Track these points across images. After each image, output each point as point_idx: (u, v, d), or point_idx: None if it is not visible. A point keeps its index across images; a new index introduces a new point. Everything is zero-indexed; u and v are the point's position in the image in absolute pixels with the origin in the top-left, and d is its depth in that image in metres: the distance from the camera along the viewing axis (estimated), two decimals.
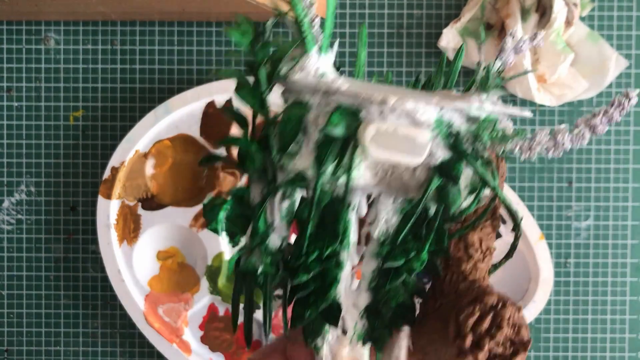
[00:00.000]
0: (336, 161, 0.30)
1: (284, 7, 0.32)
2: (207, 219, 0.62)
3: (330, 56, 0.32)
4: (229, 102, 0.57)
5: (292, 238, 0.32)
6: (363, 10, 0.59)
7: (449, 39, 0.57)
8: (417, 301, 0.33)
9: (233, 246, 0.61)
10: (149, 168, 0.58)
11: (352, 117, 0.30)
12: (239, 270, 0.33)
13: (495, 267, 0.35)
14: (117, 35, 0.60)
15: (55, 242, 0.61)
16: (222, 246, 0.58)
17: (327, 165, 0.30)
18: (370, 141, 0.29)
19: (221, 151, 0.57)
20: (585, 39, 0.57)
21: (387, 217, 0.32)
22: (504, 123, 0.31)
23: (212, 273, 0.58)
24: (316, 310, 0.31)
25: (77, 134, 0.60)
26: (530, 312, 0.57)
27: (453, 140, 0.30)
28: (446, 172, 0.30)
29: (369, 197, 0.32)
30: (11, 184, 0.60)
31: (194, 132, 0.57)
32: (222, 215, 0.61)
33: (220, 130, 0.57)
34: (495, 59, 0.33)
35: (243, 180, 0.57)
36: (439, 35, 0.58)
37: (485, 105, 0.30)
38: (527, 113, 0.31)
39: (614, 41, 0.59)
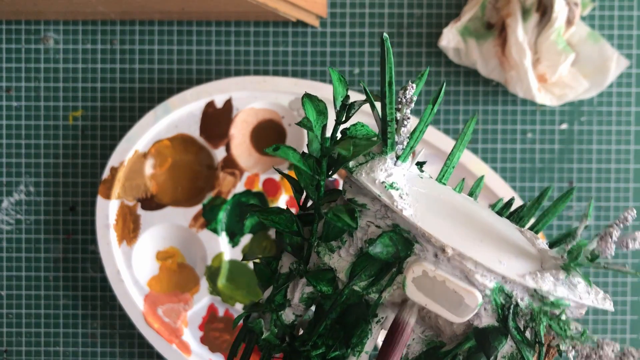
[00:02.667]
0: (371, 279, 0.28)
1: (375, 100, 0.29)
2: (207, 219, 0.63)
3: (406, 166, 0.29)
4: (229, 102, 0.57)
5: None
6: (363, 9, 0.59)
7: (449, 38, 0.56)
8: None
9: (233, 246, 0.61)
10: (149, 168, 0.58)
11: (405, 244, 0.28)
12: (246, 323, 0.32)
13: None
14: (116, 34, 0.60)
15: (54, 242, 0.60)
16: (222, 246, 0.57)
17: (359, 281, 0.28)
18: (412, 281, 0.27)
19: (221, 151, 0.57)
20: (586, 38, 0.57)
21: (410, 342, 0.30)
22: (575, 312, 0.27)
23: (212, 273, 0.57)
24: None
25: (76, 134, 0.60)
26: None
27: (506, 312, 0.27)
28: (485, 341, 0.27)
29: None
30: (10, 184, 0.60)
31: (194, 132, 0.57)
32: (222, 215, 0.60)
33: (220, 130, 0.57)
34: (595, 238, 0.28)
35: (243, 180, 0.57)
36: (439, 34, 0.58)
37: (558, 288, 0.26)
38: (608, 306, 0.27)
39: (614, 41, 0.59)
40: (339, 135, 0.30)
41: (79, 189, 0.60)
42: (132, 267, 0.58)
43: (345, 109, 0.29)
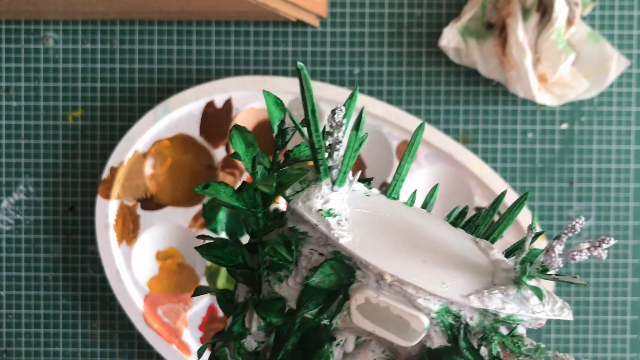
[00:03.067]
0: (319, 307, 0.27)
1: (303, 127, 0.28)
2: (207, 219, 0.63)
3: (345, 190, 0.28)
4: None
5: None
6: (363, 9, 0.59)
7: (450, 38, 0.56)
8: None
9: None
10: (148, 168, 0.58)
11: (347, 271, 0.27)
12: (212, 352, 0.31)
13: None
14: (116, 34, 0.60)
15: (54, 242, 0.60)
16: None
17: (307, 310, 0.27)
18: (356, 308, 0.26)
19: (220, 151, 0.57)
20: (586, 38, 0.57)
21: None
22: (533, 324, 0.26)
23: (212, 273, 0.57)
24: None
25: (76, 134, 0.60)
26: None
27: (456, 332, 0.26)
28: None
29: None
30: (10, 184, 0.60)
31: (194, 132, 0.57)
32: (222, 215, 0.61)
33: (220, 130, 0.57)
34: (542, 252, 0.27)
35: (243, 180, 0.57)
36: (439, 34, 0.58)
37: (508, 304, 0.26)
38: (566, 316, 0.26)
39: (615, 41, 0.59)
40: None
41: (78, 189, 0.60)
42: (131, 267, 0.57)
43: (282, 133, 0.29)
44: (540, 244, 0.56)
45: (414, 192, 0.32)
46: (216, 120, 0.57)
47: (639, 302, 0.60)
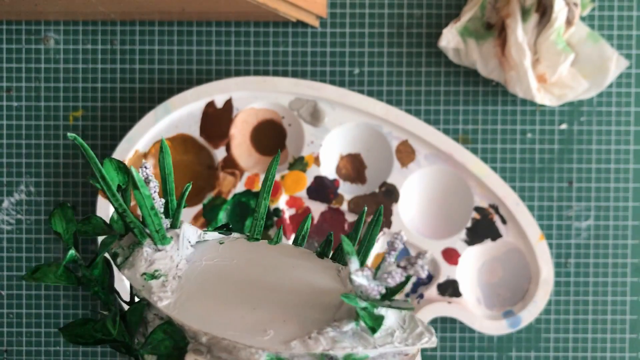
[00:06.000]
0: None
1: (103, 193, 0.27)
2: (207, 219, 0.63)
3: (173, 247, 0.27)
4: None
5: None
6: (363, 10, 0.59)
7: (449, 38, 0.56)
8: None
9: None
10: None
11: (180, 335, 0.26)
12: None
13: None
14: (116, 35, 0.60)
15: (54, 242, 0.60)
16: None
17: None
18: None
19: (221, 151, 0.57)
20: (585, 39, 0.57)
21: None
22: (398, 358, 0.24)
23: None
24: None
25: (76, 134, 0.60)
26: (531, 313, 0.57)
27: None
28: None
29: None
30: (11, 184, 0.60)
31: (194, 132, 0.57)
32: (222, 215, 0.61)
33: (220, 130, 0.57)
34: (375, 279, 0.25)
35: (243, 180, 0.57)
36: (439, 35, 0.58)
37: (340, 343, 0.24)
38: (427, 343, 0.24)
39: (614, 41, 0.59)
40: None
41: (79, 189, 0.60)
42: None
43: (124, 193, 0.28)
44: (540, 244, 0.56)
45: (280, 229, 0.31)
46: (216, 121, 0.57)
47: (638, 302, 0.60)
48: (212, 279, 0.26)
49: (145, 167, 0.27)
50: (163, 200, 0.29)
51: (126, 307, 0.29)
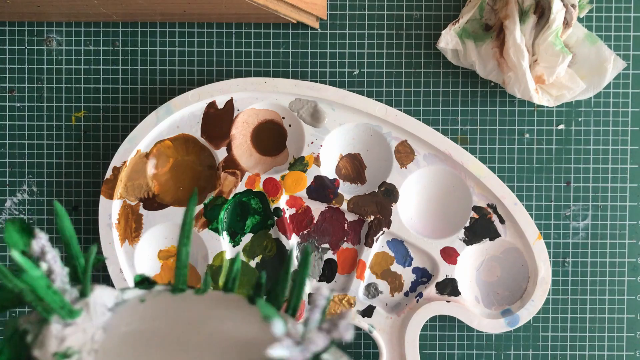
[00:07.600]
0: None
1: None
2: (208, 219, 0.63)
3: (85, 319, 0.25)
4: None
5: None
6: (363, 12, 0.60)
7: (448, 40, 0.57)
8: None
9: (234, 245, 0.61)
10: (151, 168, 0.59)
11: None
12: None
13: None
14: (118, 36, 0.60)
15: (57, 242, 0.61)
16: (223, 246, 0.58)
17: None
18: None
19: (222, 152, 0.58)
20: (583, 40, 0.57)
21: None
22: None
23: (214, 272, 0.58)
24: None
25: (78, 134, 0.61)
26: (529, 312, 0.57)
27: None
28: None
29: None
30: (13, 184, 0.61)
31: (195, 132, 0.58)
32: (223, 214, 0.61)
33: (221, 130, 0.57)
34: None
35: (244, 180, 0.58)
36: (437, 36, 0.59)
37: None
38: None
39: (612, 42, 0.59)
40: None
41: (81, 189, 0.61)
42: (134, 266, 0.58)
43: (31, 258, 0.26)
44: (538, 244, 0.57)
45: (207, 274, 0.29)
46: (218, 121, 0.57)
47: (635, 301, 0.60)
48: (132, 348, 0.25)
49: (40, 238, 0.25)
50: (67, 269, 0.27)
51: None
